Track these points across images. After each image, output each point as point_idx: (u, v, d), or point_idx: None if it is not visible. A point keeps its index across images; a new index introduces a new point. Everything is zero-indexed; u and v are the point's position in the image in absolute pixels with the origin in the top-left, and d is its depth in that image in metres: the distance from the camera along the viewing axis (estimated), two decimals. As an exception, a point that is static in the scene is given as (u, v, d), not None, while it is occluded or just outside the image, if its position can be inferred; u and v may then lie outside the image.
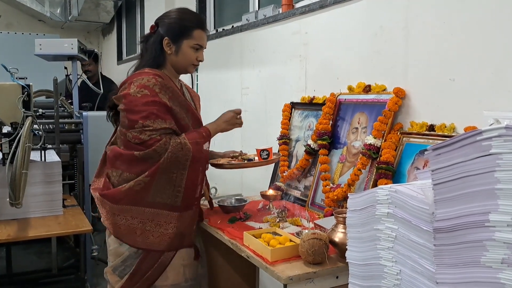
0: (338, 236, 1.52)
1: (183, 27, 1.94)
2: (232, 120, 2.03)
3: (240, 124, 2.06)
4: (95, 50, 3.53)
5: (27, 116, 2.25)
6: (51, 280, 3.29)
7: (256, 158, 2.11)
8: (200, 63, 2.03)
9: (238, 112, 2.05)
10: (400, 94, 1.84)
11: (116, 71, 6.91)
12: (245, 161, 2.10)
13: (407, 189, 1.11)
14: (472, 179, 0.88)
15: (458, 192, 0.91)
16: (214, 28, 3.93)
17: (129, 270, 1.91)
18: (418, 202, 1.04)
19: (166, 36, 1.93)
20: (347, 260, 1.29)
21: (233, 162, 2.11)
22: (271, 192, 2.20)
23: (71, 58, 3.40)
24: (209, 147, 1.99)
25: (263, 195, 2.18)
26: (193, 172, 1.87)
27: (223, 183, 3.38)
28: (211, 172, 3.43)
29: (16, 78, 2.69)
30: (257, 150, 2.08)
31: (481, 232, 0.86)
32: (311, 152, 2.24)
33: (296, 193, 2.33)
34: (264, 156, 2.03)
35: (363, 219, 1.23)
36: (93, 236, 3.43)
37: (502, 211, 0.83)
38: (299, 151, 2.39)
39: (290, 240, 1.62)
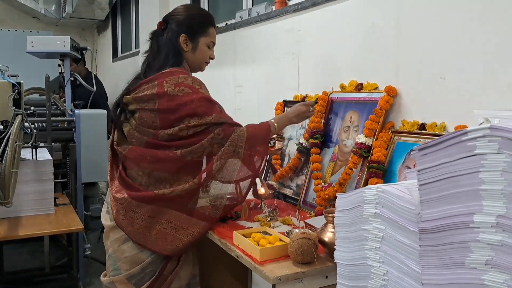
0: (327, 236, 1.51)
1: (201, 24, 1.92)
2: (303, 114, 1.96)
3: (312, 115, 2.03)
4: (88, 47, 3.50)
5: (17, 115, 2.23)
6: (43, 279, 3.27)
7: None
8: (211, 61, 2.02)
9: (310, 105, 1.98)
10: (391, 93, 1.83)
11: (112, 68, 6.89)
12: None
13: (395, 189, 1.10)
14: (457, 180, 0.87)
15: (444, 192, 0.90)
16: (208, 25, 3.90)
17: (149, 278, 1.84)
18: (405, 202, 1.03)
19: (183, 32, 1.89)
20: (335, 260, 1.28)
21: None
22: (262, 191, 2.18)
23: (63, 55, 3.37)
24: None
25: (255, 194, 2.16)
26: (246, 164, 1.83)
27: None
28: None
29: (8, 76, 2.67)
30: None
31: (466, 233, 0.85)
32: (303, 151, 2.23)
33: (289, 192, 2.32)
34: (271, 143, 1.97)
35: (351, 219, 1.22)
36: (86, 234, 3.42)
37: (486, 212, 0.82)
38: (292, 149, 2.38)
39: (280, 240, 1.61)
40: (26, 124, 2.46)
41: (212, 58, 2.01)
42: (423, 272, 0.95)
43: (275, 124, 1.90)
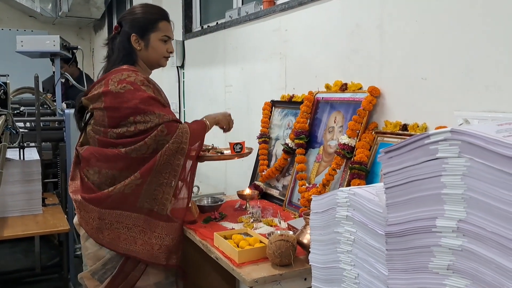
0: (306, 238, 1.50)
1: (148, 20, 1.92)
2: (228, 117, 2.07)
3: (228, 129, 2.09)
4: (79, 47, 3.48)
5: (0, 115, 2.22)
6: (34, 279, 3.26)
7: (229, 151, 2.11)
8: (171, 54, 2.01)
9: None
10: (374, 93, 1.82)
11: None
12: (219, 154, 2.09)
13: (366, 192, 1.09)
14: (420, 183, 0.85)
15: (408, 196, 0.88)
16: (200, 24, 3.90)
17: (110, 274, 1.87)
18: (374, 206, 1.02)
19: (133, 32, 1.91)
20: (309, 263, 1.27)
21: (207, 154, 2.08)
22: (247, 191, 2.18)
23: (53, 55, 3.36)
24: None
25: (240, 195, 2.16)
26: (187, 161, 1.86)
27: (206, 180, 3.37)
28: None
29: (-3, 76, 2.67)
30: (230, 143, 2.10)
31: (429, 237, 0.84)
32: (289, 151, 2.22)
33: (275, 193, 2.31)
34: (237, 149, 2.04)
35: (324, 222, 1.21)
36: (77, 235, 3.41)
37: (447, 216, 0.81)
38: (279, 150, 2.37)
39: (260, 242, 1.60)
40: (17, 124, 2.45)
41: (171, 52, 2.00)
42: (389, 276, 0.94)
43: (207, 122, 1.97)
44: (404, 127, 1.71)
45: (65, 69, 4.13)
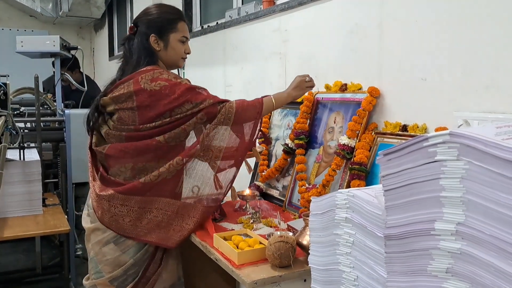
0: (306, 239, 1.50)
1: (168, 21, 1.90)
2: (302, 84, 1.94)
3: (312, 85, 1.96)
4: (79, 47, 3.48)
5: (0, 116, 2.22)
6: (35, 279, 3.26)
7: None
8: (188, 56, 2.00)
9: (306, 75, 1.96)
10: (374, 94, 1.82)
11: (108, 66, 6.88)
12: None
13: (365, 193, 1.08)
14: (419, 186, 0.85)
15: (407, 199, 0.88)
16: (200, 24, 3.89)
17: (132, 280, 1.83)
18: (373, 208, 1.02)
19: (152, 33, 1.88)
20: (309, 265, 1.27)
21: None
22: (247, 192, 2.17)
23: (53, 55, 3.36)
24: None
25: (240, 195, 2.15)
26: (233, 140, 1.84)
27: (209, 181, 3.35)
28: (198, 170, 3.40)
29: (-3, 76, 2.67)
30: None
31: (428, 240, 0.84)
32: (289, 152, 2.22)
33: (275, 193, 2.31)
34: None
35: (324, 224, 1.21)
36: (78, 235, 3.42)
37: (446, 219, 0.80)
38: (278, 150, 2.36)
39: (260, 243, 1.60)
40: (18, 124, 2.46)
41: (188, 53, 1.98)
42: (388, 278, 0.94)
43: (273, 100, 1.89)
44: (404, 127, 1.70)
45: (63, 71, 4.10)
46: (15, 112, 3.09)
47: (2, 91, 2.36)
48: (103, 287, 1.86)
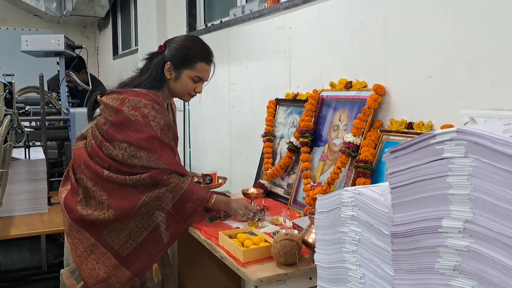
0: (311, 237, 1.50)
1: (187, 56, 1.93)
2: (246, 205, 1.91)
3: (248, 217, 1.89)
4: (83, 45, 3.49)
5: (6, 115, 2.23)
6: (40, 277, 3.27)
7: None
8: (197, 94, 2.02)
9: (252, 211, 1.90)
10: (379, 91, 1.81)
11: (112, 65, 6.89)
12: None
13: (371, 191, 1.08)
14: (426, 184, 0.85)
15: (414, 196, 0.88)
16: (204, 23, 3.89)
17: None
18: (380, 205, 1.02)
19: (169, 61, 1.92)
20: (315, 263, 1.27)
21: None
22: (252, 190, 2.17)
23: (58, 54, 3.37)
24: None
25: (245, 194, 2.15)
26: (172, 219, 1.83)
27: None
28: (200, 163, 3.41)
29: (3, 75, 2.68)
30: (201, 174, 2.11)
31: (435, 238, 0.84)
32: (293, 150, 2.21)
33: (280, 191, 2.31)
34: (207, 181, 2.07)
35: (330, 221, 1.21)
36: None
37: (454, 217, 0.80)
38: (283, 148, 2.36)
39: (265, 241, 1.60)
40: (22, 123, 2.47)
41: (199, 92, 2.00)
42: (395, 276, 0.93)
43: (213, 198, 1.87)
44: (410, 125, 1.70)
45: (76, 76, 4.10)
46: (20, 111, 3.10)
47: (7, 90, 2.37)
48: (66, 278, 1.93)
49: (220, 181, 2.16)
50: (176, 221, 1.83)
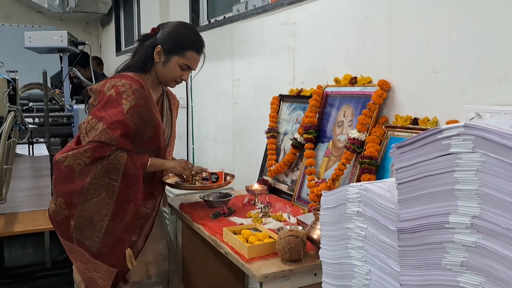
0: (316, 233, 1.50)
1: (179, 43, 1.91)
2: (183, 164, 1.94)
3: (187, 175, 1.95)
4: (86, 42, 3.48)
5: (9, 111, 2.23)
6: (44, 274, 3.28)
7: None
8: (183, 81, 2.00)
9: (192, 167, 2.00)
10: (384, 87, 1.80)
11: (115, 61, 6.88)
12: (197, 184, 2.06)
13: (377, 187, 1.07)
14: (433, 179, 0.84)
15: (420, 192, 0.87)
16: (207, 19, 3.88)
17: None
18: (386, 201, 1.01)
19: (160, 45, 1.90)
20: (320, 259, 1.26)
21: (185, 184, 2.04)
22: (256, 186, 2.17)
23: (61, 50, 3.37)
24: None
25: (249, 190, 2.15)
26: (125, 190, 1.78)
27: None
28: (203, 159, 3.40)
29: (6, 71, 2.67)
30: (208, 173, 2.08)
31: (442, 233, 0.83)
32: (297, 146, 2.21)
33: (283, 187, 2.30)
34: (213, 179, 2.05)
35: (335, 217, 1.20)
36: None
37: (461, 212, 0.79)
38: (287, 144, 2.36)
39: (270, 237, 1.60)
40: (25, 119, 2.47)
41: (185, 80, 1.98)
42: (401, 272, 0.93)
43: (152, 162, 1.86)
44: (415, 121, 1.69)
45: (81, 73, 4.08)
46: (24, 108, 3.10)
47: (11, 87, 2.37)
48: (75, 273, 1.96)
49: (228, 178, 2.13)
50: (130, 194, 1.79)
